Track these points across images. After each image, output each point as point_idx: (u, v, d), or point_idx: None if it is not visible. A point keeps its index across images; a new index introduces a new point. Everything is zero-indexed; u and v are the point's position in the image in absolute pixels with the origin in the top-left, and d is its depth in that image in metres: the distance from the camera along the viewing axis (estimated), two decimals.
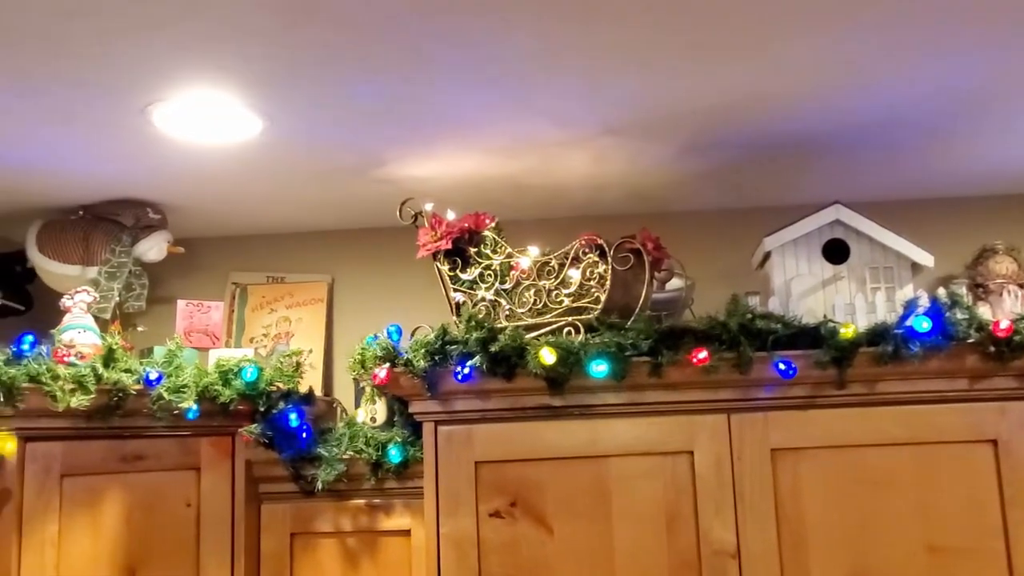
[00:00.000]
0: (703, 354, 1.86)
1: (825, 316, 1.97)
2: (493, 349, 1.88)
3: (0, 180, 2.36)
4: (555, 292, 2.02)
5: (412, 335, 2.06)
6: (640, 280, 2.02)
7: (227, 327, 2.84)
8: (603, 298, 1.97)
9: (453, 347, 1.92)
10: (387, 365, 1.93)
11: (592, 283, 1.99)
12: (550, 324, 2.00)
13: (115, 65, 1.74)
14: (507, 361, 1.89)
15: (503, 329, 1.95)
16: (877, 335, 1.87)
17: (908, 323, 1.85)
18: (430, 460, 1.98)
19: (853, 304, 2.11)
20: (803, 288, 2.16)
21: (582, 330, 1.95)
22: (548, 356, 1.85)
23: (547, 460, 1.97)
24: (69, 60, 1.72)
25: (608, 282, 1.96)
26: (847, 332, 1.86)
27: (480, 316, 2.01)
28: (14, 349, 1.92)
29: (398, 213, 2.16)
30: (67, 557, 2.01)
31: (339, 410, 2.79)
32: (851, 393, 1.91)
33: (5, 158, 2.21)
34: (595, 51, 1.79)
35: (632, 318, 1.96)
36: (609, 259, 1.97)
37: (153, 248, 2.59)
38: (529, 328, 2.00)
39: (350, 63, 1.78)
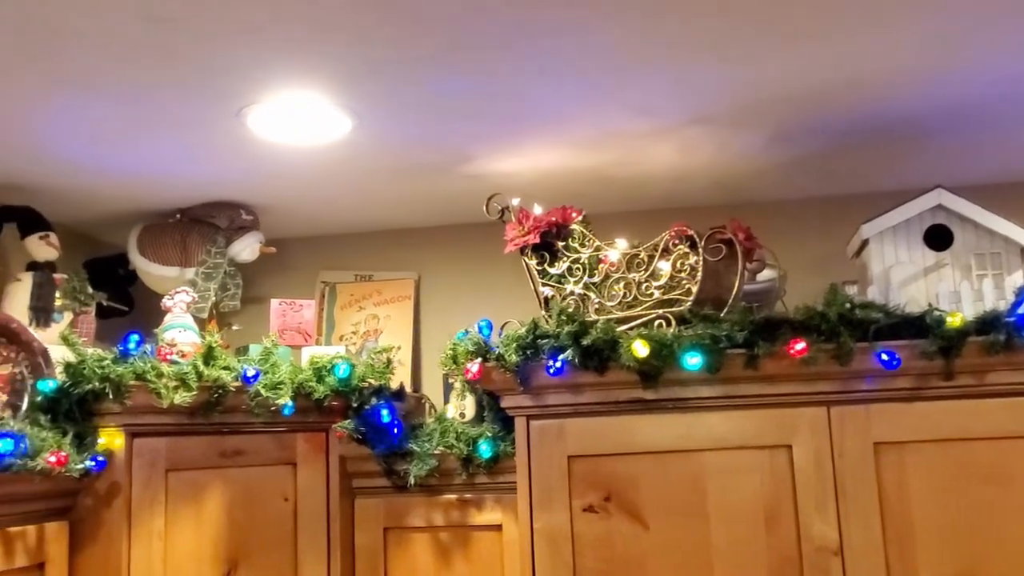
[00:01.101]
0: (801, 345, 1.82)
1: (930, 304, 1.90)
2: (585, 343, 1.87)
3: (104, 186, 2.45)
4: (645, 285, 2.00)
5: (501, 330, 2.06)
6: (732, 271, 1.98)
7: (317, 325, 2.89)
8: (695, 290, 1.93)
9: (544, 341, 1.91)
10: (479, 360, 1.94)
11: (683, 275, 1.96)
12: (640, 317, 1.98)
13: (212, 72, 1.79)
14: (599, 354, 1.88)
15: (594, 323, 1.93)
16: (987, 324, 1.79)
17: (1020, 311, 1.77)
18: (522, 455, 1.98)
19: (958, 292, 2.02)
20: (904, 276, 2.09)
21: (673, 322, 1.92)
22: (641, 349, 1.83)
23: (641, 454, 1.95)
24: (168, 68, 1.77)
25: (700, 273, 1.93)
26: (955, 321, 1.79)
27: (570, 310, 1.99)
28: (121, 348, 1.98)
29: (485, 208, 2.16)
30: (173, 549, 2.07)
31: (427, 406, 2.81)
32: (959, 384, 1.84)
33: (109, 165, 2.30)
34: (684, 40, 1.76)
35: (725, 309, 1.92)
36: (700, 250, 1.93)
37: (246, 249, 2.66)
38: (619, 321, 1.98)
39: (438, 60, 1.79)
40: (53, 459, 1.76)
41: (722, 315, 1.89)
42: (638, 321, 1.97)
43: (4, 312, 2.05)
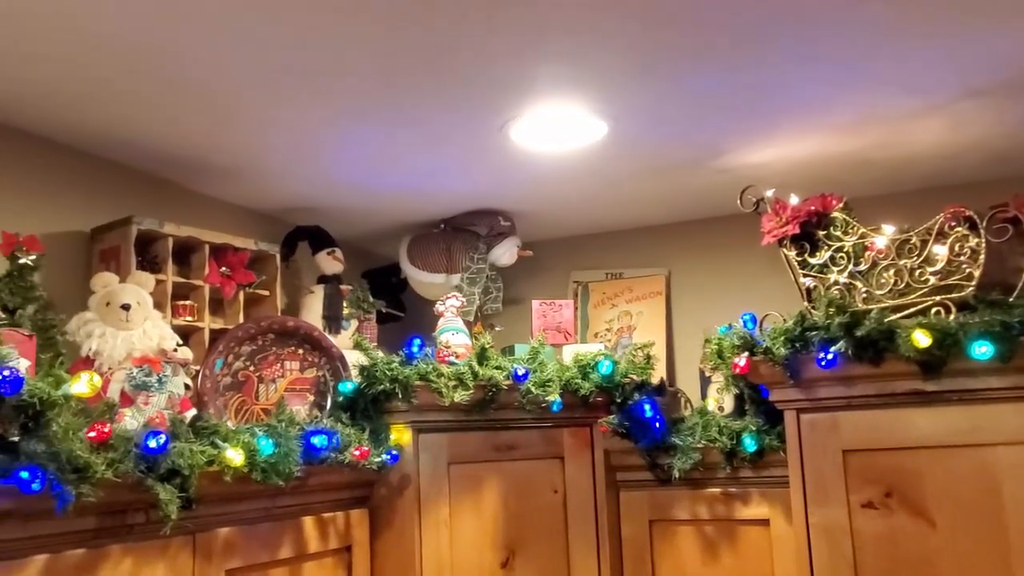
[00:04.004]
0: None
1: None
2: (858, 334, 1.82)
3: (378, 203, 2.68)
4: (918, 271, 1.90)
5: (760, 323, 2.04)
6: (1018, 252, 1.84)
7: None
8: (976, 274, 1.82)
9: (814, 333, 1.88)
10: (745, 354, 1.94)
11: (962, 258, 1.85)
12: (915, 305, 1.89)
13: (479, 92, 1.92)
14: (874, 345, 1.82)
15: (866, 312, 1.87)
16: None
17: None
18: (793, 449, 1.95)
19: None
20: None
21: (953, 310, 1.82)
22: (922, 339, 1.75)
23: (922, 448, 1.86)
24: (439, 95, 1.92)
25: (982, 256, 1.82)
26: None
27: (839, 300, 1.94)
28: (405, 351, 2.15)
29: (738, 201, 2.15)
30: (458, 536, 2.22)
31: (683, 400, 2.82)
32: None
33: (384, 184, 2.52)
34: (951, 11, 1.66)
35: (1015, 294, 1.79)
36: (981, 231, 1.82)
37: (506, 253, 2.80)
38: (891, 310, 1.90)
39: (692, 59, 1.81)
40: (357, 453, 1.95)
41: (1012, 300, 1.76)
42: (913, 309, 1.89)
43: (306, 322, 2.29)
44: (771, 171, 2.43)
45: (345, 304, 2.60)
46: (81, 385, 1.26)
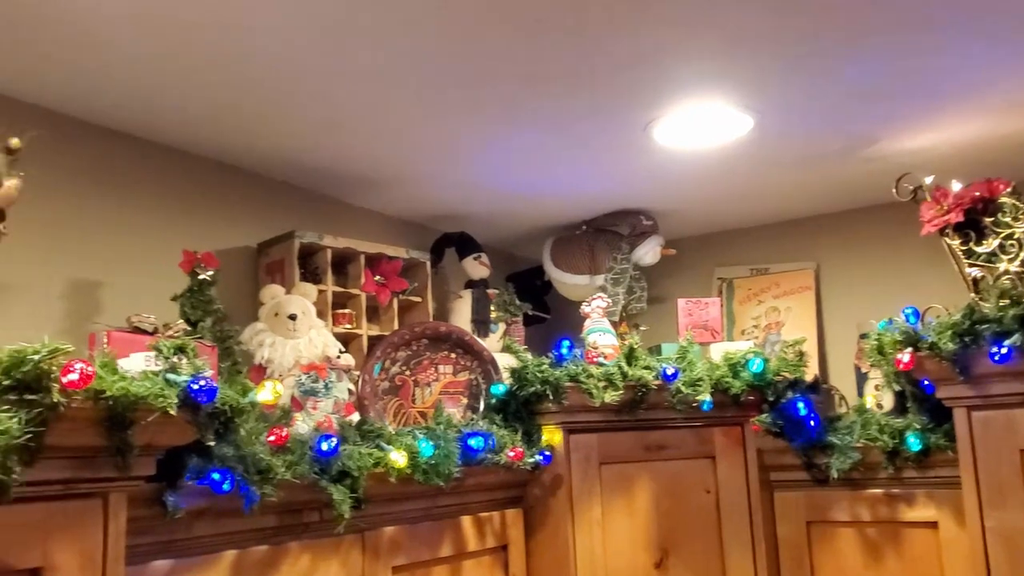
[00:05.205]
0: None
1: None
2: None
3: (521, 207, 2.73)
4: None
5: (922, 316, 1.95)
6: None
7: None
8: None
9: (984, 326, 1.78)
10: (909, 349, 1.86)
11: None
12: None
13: (624, 93, 1.93)
14: None
15: None
16: None
17: None
18: (965, 449, 1.86)
19: None
20: None
21: None
22: None
23: None
24: (584, 98, 1.94)
25: None
26: None
27: (1012, 291, 1.84)
28: (555, 353, 2.18)
29: (894, 190, 2.07)
30: (610, 536, 2.23)
31: (837, 397, 2.74)
32: None
33: (527, 188, 2.56)
34: None
35: None
36: None
37: (649, 253, 2.79)
38: None
39: (843, 48, 1.77)
40: (512, 454, 1.99)
41: None
42: None
43: (458, 326, 2.36)
44: (928, 157, 2.33)
45: (492, 308, 2.65)
46: (266, 393, 1.35)
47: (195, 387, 1.16)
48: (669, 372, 2.21)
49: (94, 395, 1.07)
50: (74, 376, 1.02)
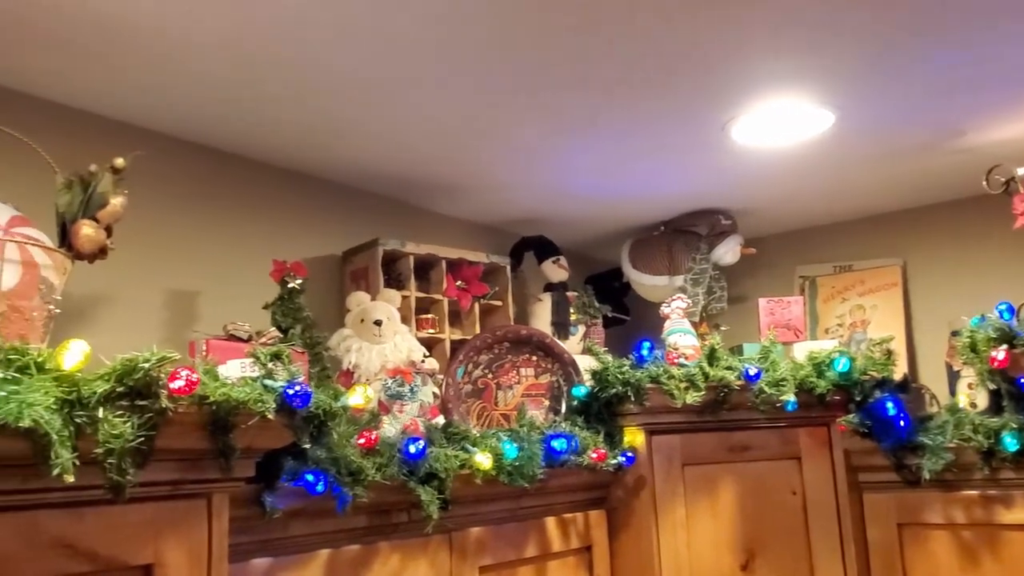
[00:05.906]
0: None
1: None
2: None
3: (600, 210, 2.74)
4: None
5: (1018, 312, 1.90)
6: None
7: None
8: None
9: None
10: (1004, 346, 1.81)
11: None
12: None
13: (702, 93, 1.92)
14: None
15: None
16: None
17: None
18: None
19: None
20: None
21: None
22: None
23: None
24: (662, 100, 1.95)
25: None
26: None
27: None
28: (636, 355, 2.18)
29: (984, 182, 2.02)
30: (695, 537, 2.22)
31: (927, 396, 2.67)
32: None
33: (606, 191, 2.57)
34: None
35: None
36: None
37: (728, 252, 2.77)
38: None
39: (930, 38, 1.73)
40: (595, 455, 2.01)
41: None
42: None
43: (538, 329, 2.38)
44: (1018, 148, 2.26)
45: (572, 310, 2.67)
46: (357, 397, 1.40)
47: (291, 392, 1.21)
48: (752, 372, 2.19)
49: (199, 400, 1.13)
50: (180, 383, 1.08)
